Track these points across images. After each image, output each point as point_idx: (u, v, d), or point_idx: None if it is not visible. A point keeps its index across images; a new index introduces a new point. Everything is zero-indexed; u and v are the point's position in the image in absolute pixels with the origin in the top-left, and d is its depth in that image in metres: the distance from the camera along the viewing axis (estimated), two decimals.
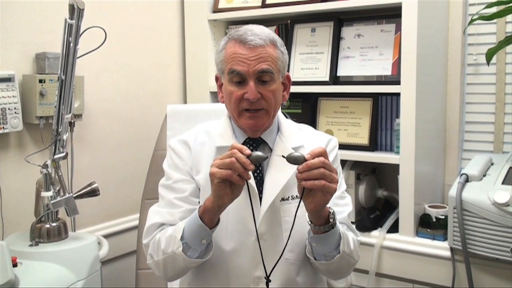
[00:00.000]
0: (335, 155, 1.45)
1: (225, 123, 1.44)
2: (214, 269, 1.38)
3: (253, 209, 1.25)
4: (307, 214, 1.26)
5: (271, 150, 1.40)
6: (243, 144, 1.39)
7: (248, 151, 1.16)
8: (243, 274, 1.35)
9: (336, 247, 1.28)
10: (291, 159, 1.18)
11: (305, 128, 1.52)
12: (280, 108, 1.43)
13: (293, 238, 1.35)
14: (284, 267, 1.36)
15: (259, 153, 1.17)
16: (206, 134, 1.45)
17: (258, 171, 1.38)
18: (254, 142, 1.41)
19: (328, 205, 1.24)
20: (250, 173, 1.25)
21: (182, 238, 1.25)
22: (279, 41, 1.36)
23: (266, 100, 1.32)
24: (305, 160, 1.16)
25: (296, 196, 1.36)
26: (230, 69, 1.31)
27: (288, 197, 1.37)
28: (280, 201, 1.36)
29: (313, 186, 1.16)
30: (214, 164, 1.18)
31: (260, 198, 1.35)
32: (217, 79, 1.43)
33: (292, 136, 1.42)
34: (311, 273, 1.44)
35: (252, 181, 1.33)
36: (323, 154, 1.17)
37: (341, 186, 1.45)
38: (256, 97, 1.30)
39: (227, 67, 1.32)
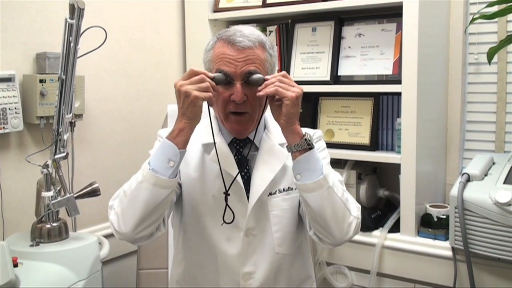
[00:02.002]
0: (319, 145, 1.45)
1: (212, 121, 1.43)
2: (203, 267, 1.39)
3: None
4: (286, 144, 1.29)
5: (257, 148, 1.40)
6: (230, 142, 1.40)
7: (211, 75, 1.25)
8: (232, 270, 1.36)
9: (320, 174, 1.25)
10: (253, 81, 1.28)
11: None
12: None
13: (282, 231, 1.38)
14: (273, 260, 1.38)
15: (219, 74, 1.28)
16: None
17: (246, 169, 1.39)
18: (241, 141, 1.41)
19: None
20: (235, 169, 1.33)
21: (149, 165, 1.22)
22: (268, 43, 1.36)
23: (250, 103, 1.32)
24: (265, 80, 1.26)
25: (283, 189, 1.39)
26: (217, 70, 1.31)
27: (275, 191, 1.38)
28: (268, 195, 1.37)
29: (266, 93, 1.24)
30: (192, 87, 1.20)
31: (248, 194, 1.37)
32: None
33: (279, 133, 1.42)
34: (301, 267, 1.46)
35: (239, 178, 1.34)
36: (282, 75, 1.25)
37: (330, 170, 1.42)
38: (242, 99, 1.30)
39: (214, 67, 1.32)
